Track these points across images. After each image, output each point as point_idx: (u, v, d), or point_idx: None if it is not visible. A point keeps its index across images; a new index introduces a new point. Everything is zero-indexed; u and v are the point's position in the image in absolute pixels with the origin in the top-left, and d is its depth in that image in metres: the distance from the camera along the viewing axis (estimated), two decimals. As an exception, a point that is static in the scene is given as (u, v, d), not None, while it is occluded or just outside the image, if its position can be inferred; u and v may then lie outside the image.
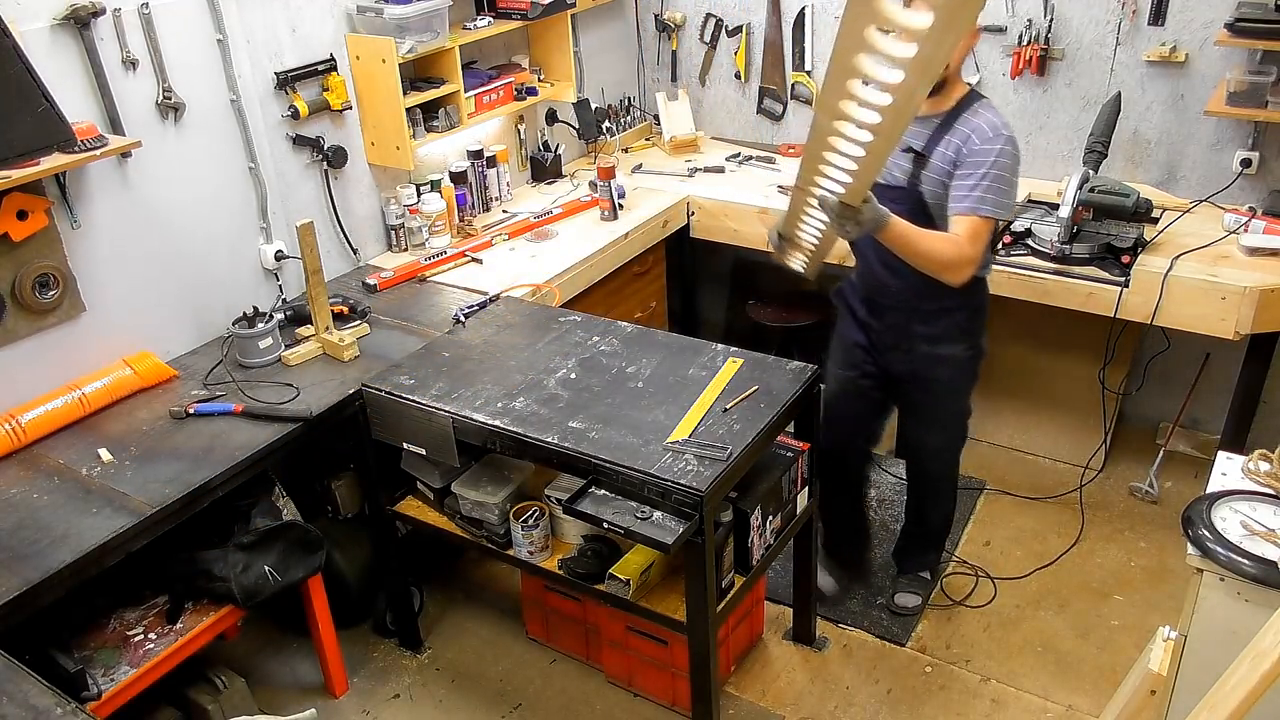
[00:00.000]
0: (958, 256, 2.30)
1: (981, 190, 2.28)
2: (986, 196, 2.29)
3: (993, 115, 2.32)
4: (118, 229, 2.63)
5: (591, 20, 4.04)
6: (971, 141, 2.30)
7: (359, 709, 2.83)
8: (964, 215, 2.30)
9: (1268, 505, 2.01)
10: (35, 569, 2.01)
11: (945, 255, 2.30)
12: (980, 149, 2.29)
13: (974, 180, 2.28)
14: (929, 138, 2.35)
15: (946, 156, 2.34)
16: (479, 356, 2.70)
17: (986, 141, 2.28)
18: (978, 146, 2.29)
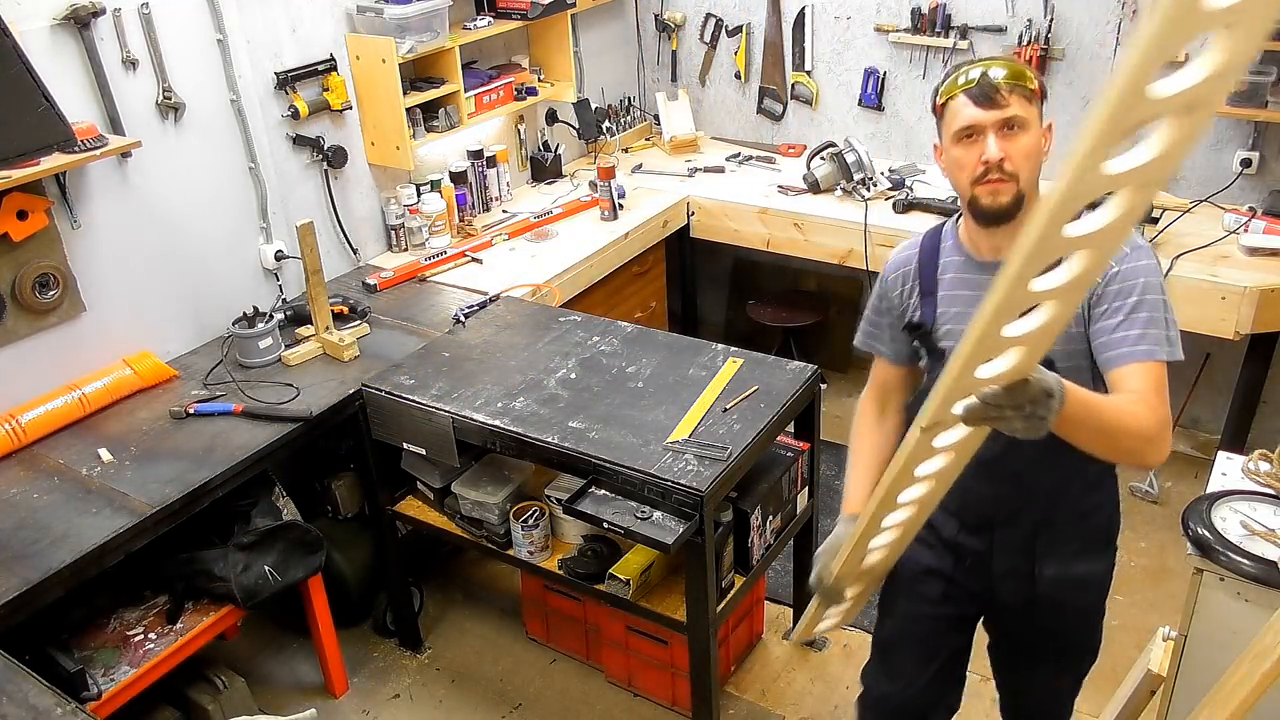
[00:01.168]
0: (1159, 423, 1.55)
1: (1156, 327, 1.60)
2: (1162, 335, 1.61)
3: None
4: (118, 229, 2.63)
5: (591, 20, 4.04)
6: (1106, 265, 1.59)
7: (359, 709, 2.83)
8: (1142, 363, 1.59)
9: (1268, 505, 2.01)
10: (35, 569, 2.01)
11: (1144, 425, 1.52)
12: (1126, 271, 1.60)
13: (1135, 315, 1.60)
14: None
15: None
16: (479, 356, 2.70)
17: (1126, 259, 1.60)
18: (1119, 269, 1.61)
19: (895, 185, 3.56)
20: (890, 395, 1.92)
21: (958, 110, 1.57)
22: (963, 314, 1.72)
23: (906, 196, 3.41)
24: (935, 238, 1.80)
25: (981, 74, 1.55)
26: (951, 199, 3.36)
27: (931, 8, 3.57)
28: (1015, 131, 1.54)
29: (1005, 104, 1.53)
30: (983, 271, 1.70)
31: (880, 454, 1.88)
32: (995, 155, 1.54)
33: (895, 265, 1.83)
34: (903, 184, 3.56)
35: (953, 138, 1.59)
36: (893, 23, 3.68)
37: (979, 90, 1.54)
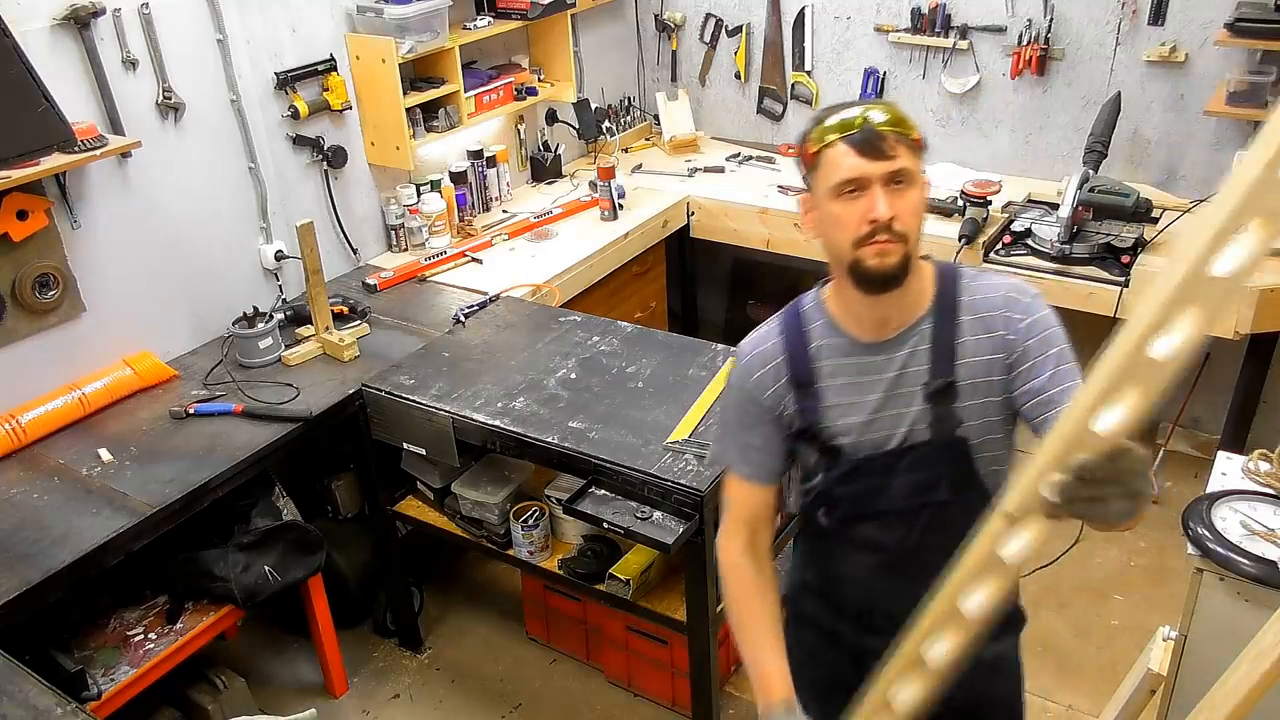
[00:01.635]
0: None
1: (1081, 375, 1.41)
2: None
3: (992, 275, 1.53)
4: (118, 229, 2.62)
5: (591, 20, 4.04)
6: (1012, 316, 1.45)
7: (359, 709, 2.83)
8: None
9: (1268, 505, 2.01)
10: (35, 569, 2.01)
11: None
12: (1039, 320, 1.45)
13: (1064, 365, 1.44)
14: (932, 358, 1.45)
15: (982, 360, 1.45)
16: (479, 356, 2.70)
17: (1031, 309, 1.46)
18: (1029, 320, 1.44)
19: (895, 185, 3.55)
20: (760, 530, 1.60)
21: (837, 160, 1.34)
22: (856, 405, 1.47)
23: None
24: (796, 320, 1.53)
25: (862, 118, 1.34)
26: (951, 198, 3.36)
27: (931, 8, 3.57)
28: (903, 186, 1.33)
29: (893, 154, 1.32)
30: (870, 353, 1.47)
31: (775, 612, 1.57)
32: (885, 213, 1.32)
33: (756, 363, 1.52)
34: (903, 184, 3.56)
35: (831, 191, 1.35)
36: (893, 23, 3.68)
37: (862, 138, 1.32)
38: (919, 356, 1.46)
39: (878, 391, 1.47)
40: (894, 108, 1.38)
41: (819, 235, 1.43)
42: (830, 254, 1.43)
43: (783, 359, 1.51)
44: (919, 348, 1.46)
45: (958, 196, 3.32)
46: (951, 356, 1.45)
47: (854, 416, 1.48)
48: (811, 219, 1.44)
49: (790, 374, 1.51)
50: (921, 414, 1.46)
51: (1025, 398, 1.44)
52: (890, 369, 1.47)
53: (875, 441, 1.48)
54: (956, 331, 1.46)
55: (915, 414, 1.46)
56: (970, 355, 1.45)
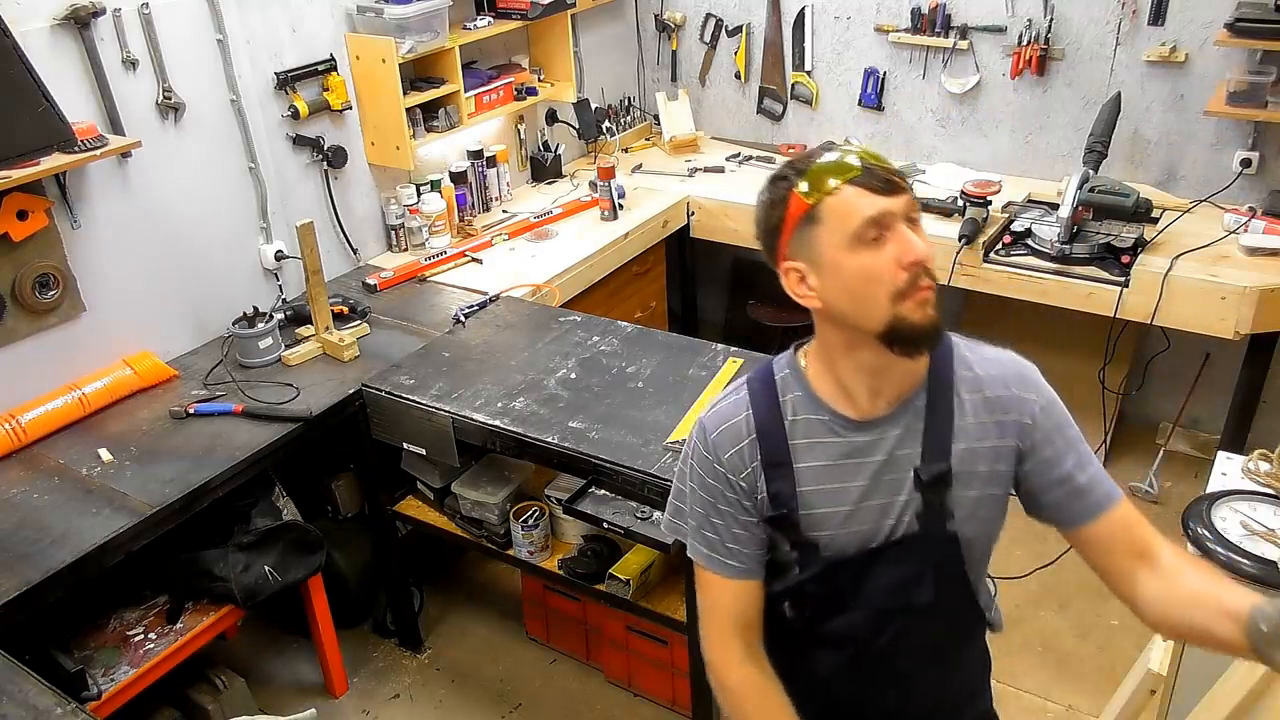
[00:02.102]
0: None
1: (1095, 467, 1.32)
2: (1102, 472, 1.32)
3: (986, 346, 1.36)
4: (118, 229, 2.62)
5: (591, 20, 4.04)
6: (1025, 398, 1.30)
7: (359, 709, 2.83)
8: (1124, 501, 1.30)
9: (1268, 505, 2.01)
10: (35, 569, 2.01)
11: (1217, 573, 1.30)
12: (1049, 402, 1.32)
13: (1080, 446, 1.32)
14: (926, 441, 1.28)
15: (985, 446, 1.29)
16: (479, 356, 2.70)
17: (1040, 388, 1.33)
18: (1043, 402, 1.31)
19: (895, 185, 3.55)
20: (753, 628, 1.38)
21: (849, 205, 1.15)
22: (838, 493, 1.28)
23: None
24: (769, 390, 1.33)
25: (859, 157, 1.18)
26: (951, 198, 3.36)
27: (931, 8, 3.57)
28: (916, 228, 1.18)
29: (905, 188, 1.18)
30: (856, 432, 1.27)
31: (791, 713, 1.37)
32: (924, 253, 1.15)
33: (724, 441, 1.32)
34: (903, 184, 3.56)
35: (847, 243, 1.16)
36: (893, 23, 3.68)
37: (873, 177, 1.16)
38: (911, 437, 1.27)
39: (863, 478, 1.28)
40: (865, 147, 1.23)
41: (831, 302, 1.20)
42: (852, 319, 1.19)
43: (753, 438, 1.31)
44: (913, 427, 1.27)
45: (958, 196, 3.33)
46: (948, 438, 1.27)
47: (834, 506, 1.29)
48: (817, 287, 1.20)
49: (762, 455, 1.30)
50: (910, 504, 1.28)
51: (1047, 489, 1.29)
52: (878, 451, 1.28)
53: (857, 537, 1.30)
54: (955, 410, 1.28)
55: (903, 504, 1.28)
56: (972, 439, 1.28)
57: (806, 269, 1.21)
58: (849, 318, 1.20)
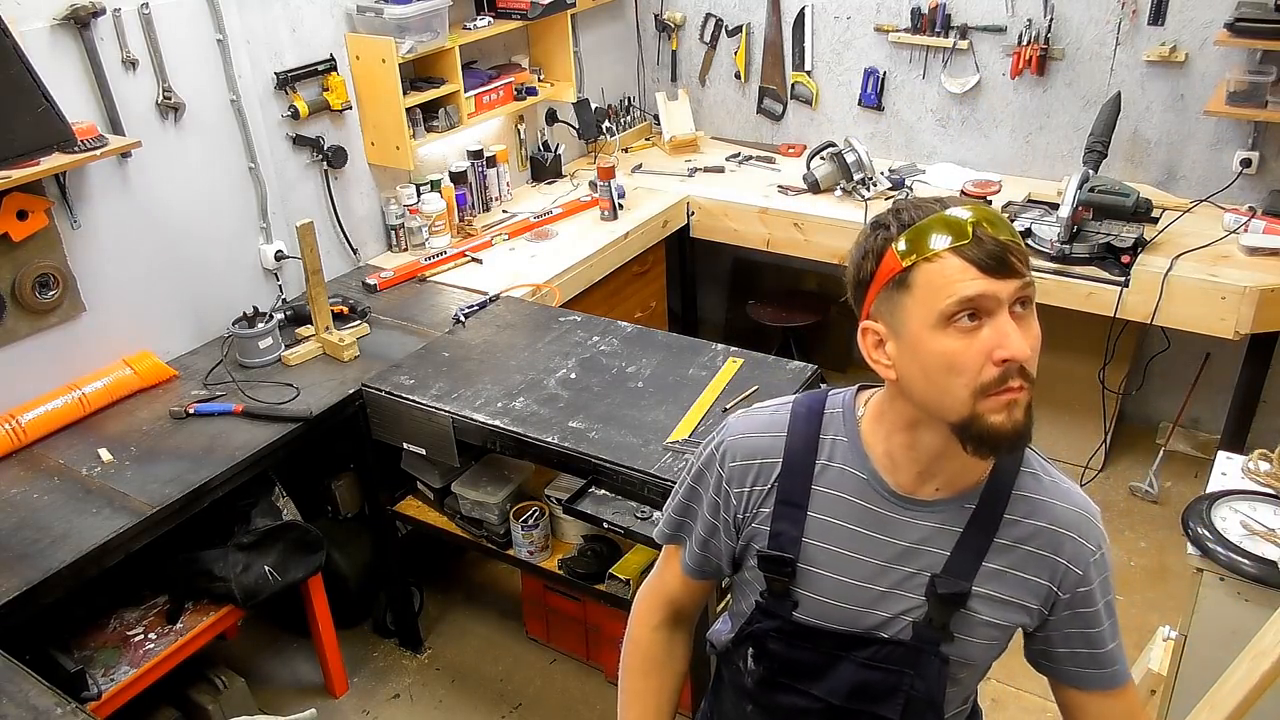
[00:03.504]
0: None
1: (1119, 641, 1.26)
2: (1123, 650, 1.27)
3: (1056, 472, 1.20)
4: (118, 229, 2.62)
5: (591, 20, 4.04)
6: (1082, 547, 1.16)
7: (359, 709, 2.83)
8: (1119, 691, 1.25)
9: (1268, 505, 2.02)
10: (35, 569, 2.01)
11: None
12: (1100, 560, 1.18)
13: (1104, 626, 1.23)
14: (959, 548, 1.15)
15: (1016, 578, 1.15)
16: (479, 356, 2.70)
17: (1099, 541, 1.18)
18: (1096, 557, 1.17)
19: (895, 185, 3.56)
20: (684, 614, 1.40)
21: (949, 278, 1.01)
22: (846, 560, 1.17)
23: (906, 196, 3.41)
24: (815, 422, 1.20)
25: (974, 221, 1.02)
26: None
27: (931, 8, 3.57)
28: (1027, 314, 1.03)
29: (1023, 270, 1.02)
30: (893, 506, 1.15)
31: (666, 702, 1.39)
32: (1025, 352, 1.01)
33: (741, 450, 1.22)
34: (903, 184, 3.56)
35: (937, 319, 1.01)
36: (893, 23, 3.68)
37: (986, 249, 1.00)
38: (944, 538, 1.14)
39: (877, 557, 1.16)
40: (993, 209, 1.07)
41: (906, 378, 1.07)
42: (925, 403, 1.07)
43: (777, 462, 1.20)
44: (950, 527, 1.14)
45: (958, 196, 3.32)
46: (982, 555, 1.14)
47: (834, 573, 1.17)
48: (894, 357, 1.07)
49: (779, 485, 1.19)
50: (913, 609, 1.16)
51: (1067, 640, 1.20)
52: (905, 536, 1.15)
53: (844, 614, 1.18)
54: (1001, 526, 1.14)
55: (906, 605, 1.16)
56: (1007, 563, 1.14)
57: (886, 334, 1.07)
58: (922, 400, 1.07)
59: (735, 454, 1.22)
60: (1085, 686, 1.20)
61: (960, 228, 1.01)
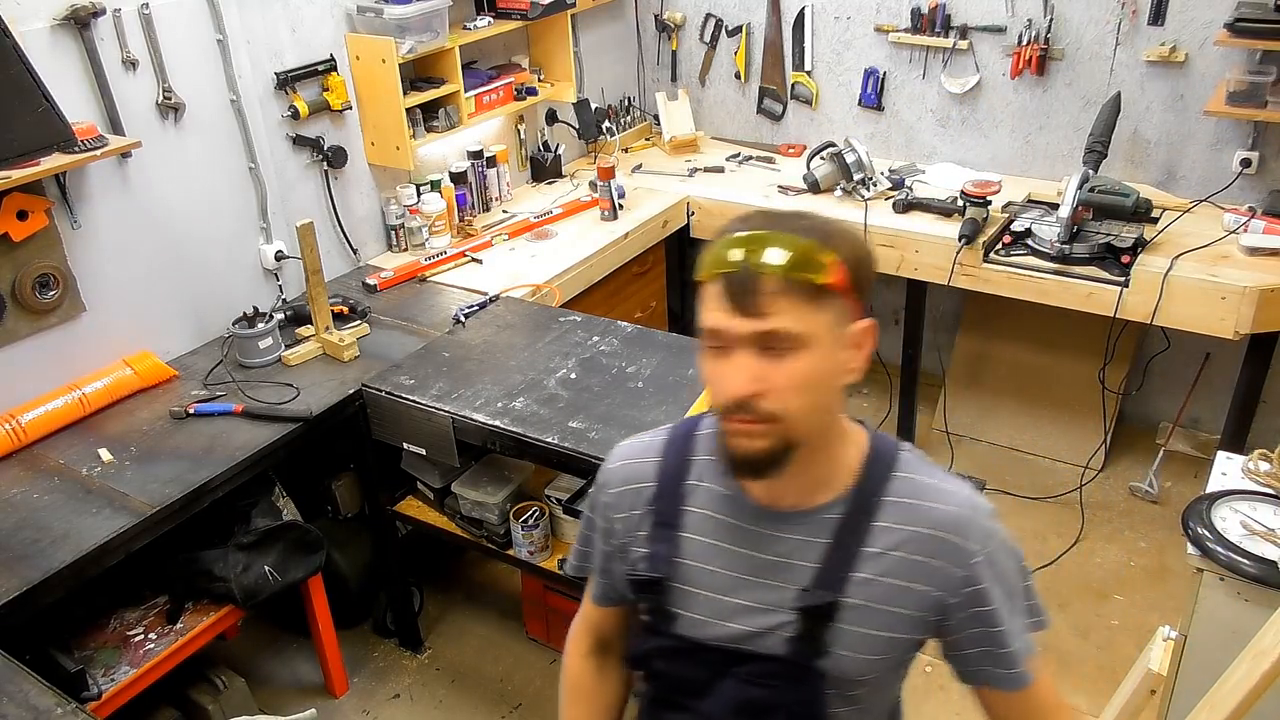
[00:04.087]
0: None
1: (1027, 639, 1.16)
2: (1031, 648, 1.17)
3: (941, 475, 1.16)
4: (118, 229, 2.62)
5: (591, 20, 4.04)
6: (965, 548, 1.11)
7: (359, 709, 2.83)
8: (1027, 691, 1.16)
9: (1268, 505, 2.02)
10: (35, 569, 2.01)
11: None
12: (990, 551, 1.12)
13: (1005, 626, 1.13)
14: (825, 559, 1.12)
15: (894, 585, 1.12)
16: (479, 356, 2.70)
17: (985, 537, 1.12)
18: (985, 553, 1.11)
19: (895, 185, 3.56)
20: (610, 641, 1.39)
21: (706, 304, 1.05)
22: (717, 576, 1.17)
23: (906, 196, 3.41)
24: (688, 441, 1.23)
25: (747, 250, 1.02)
26: (951, 198, 3.36)
27: (931, 8, 3.57)
28: (782, 352, 1.01)
29: (764, 312, 1.00)
30: (755, 520, 1.15)
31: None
32: (740, 391, 1.02)
33: (618, 477, 1.25)
34: (903, 184, 3.56)
35: (702, 339, 1.06)
36: (892, 23, 3.68)
37: (734, 282, 1.02)
38: (810, 550, 1.12)
39: (750, 572, 1.15)
40: (813, 233, 1.03)
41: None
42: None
43: (652, 486, 1.21)
44: (816, 539, 1.12)
45: (958, 196, 3.33)
46: (849, 566, 1.11)
47: (708, 590, 1.17)
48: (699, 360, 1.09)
49: (654, 508, 1.21)
50: (786, 625, 1.13)
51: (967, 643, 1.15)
52: (775, 550, 1.14)
53: (721, 631, 1.17)
54: (869, 535, 1.11)
55: (778, 620, 1.14)
56: (881, 571, 1.11)
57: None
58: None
59: (613, 481, 1.26)
60: (994, 686, 1.17)
61: (722, 257, 1.04)
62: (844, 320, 1.05)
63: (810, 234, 1.03)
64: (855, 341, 1.07)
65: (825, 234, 1.04)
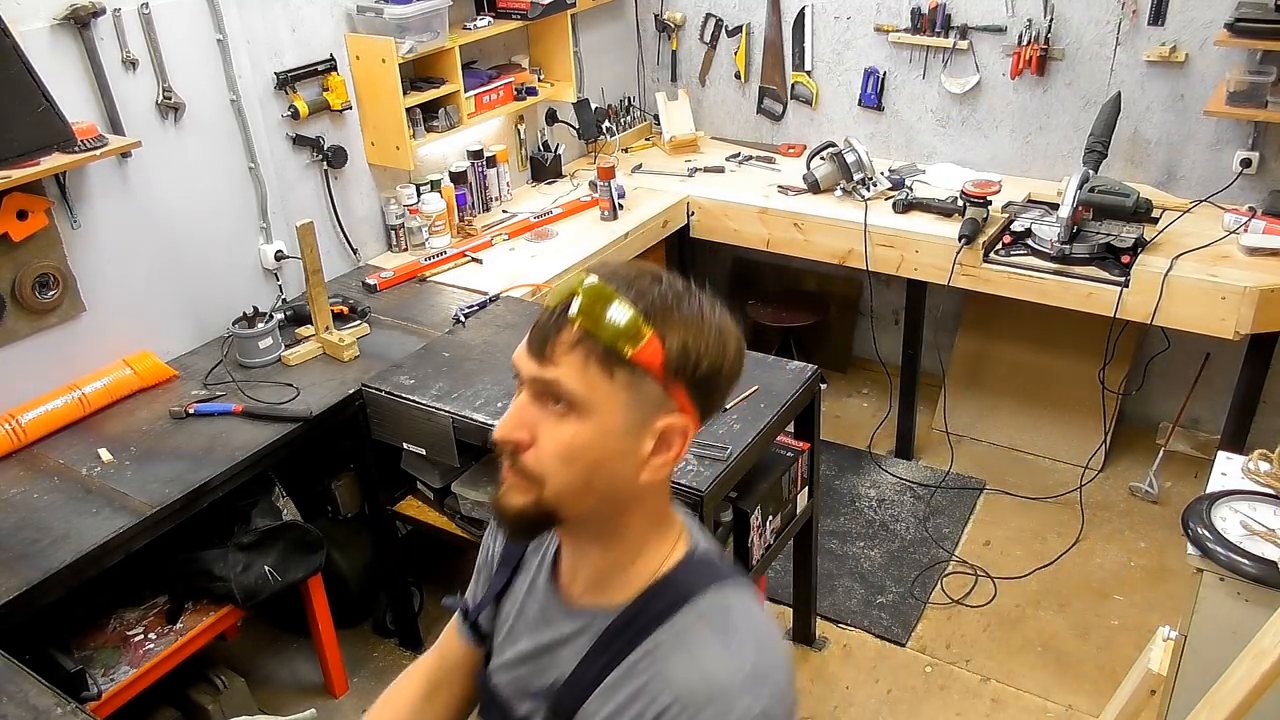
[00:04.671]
0: None
1: None
2: None
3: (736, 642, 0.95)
4: (118, 229, 2.63)
5: (591, 20, 4.04)
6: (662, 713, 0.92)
7: (359, 709, 2.83)
8: None
9: (1268, 505, 2.02)
10: (35, 569, 2.01)
11: None
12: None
13: None
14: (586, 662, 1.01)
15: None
16: (479, 356, 2.70)
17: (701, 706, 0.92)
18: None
19: (895, 185, 3.56)
20: (452, 678, 1.23)
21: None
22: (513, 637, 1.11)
23: (906, 196, 3.41)
24: None
25: (574, 293, 0.93)
26: (951, 198, 3.36)
27: (931, 8, 3.57)
28: (563, 412, 0.91)
29: (553, 360, 0.91)
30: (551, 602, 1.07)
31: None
32: (503, 433, 0.95)
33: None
34: (903, 184, 3.56)
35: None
36: (893, 23, 3.68)
37: (542, 320, 0.94)
38: (577, 647, 1.02)
39: (532, 648, 1.08)
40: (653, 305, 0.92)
41: None
42: None
43: (502, 541, 1.18)
44: (586, 638, 1.02)
45: (958, 196, 3.33)
46: (587, 692, 0.99)
47: (507, 650, 1.12)
48: None
49: (496, 561, 1.17)
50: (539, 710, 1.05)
51: None
52: (553, 635, 1.06)
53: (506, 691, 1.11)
54: (613, 672, 0.97)
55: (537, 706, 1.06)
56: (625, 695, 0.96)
57: None
58: None
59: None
60: None
61: (560, 292, 0.95)
62: (649, 408, 0.92)
63: (649, 304, 0.92)
64: (659, 436, 0.93)
65: (666, 312, 0.92)
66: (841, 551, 3.30)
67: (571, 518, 0.97)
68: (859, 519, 3.45)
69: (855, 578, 3.19)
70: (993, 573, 3.18)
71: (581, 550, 1.03)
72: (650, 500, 1.00)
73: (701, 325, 0.94)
